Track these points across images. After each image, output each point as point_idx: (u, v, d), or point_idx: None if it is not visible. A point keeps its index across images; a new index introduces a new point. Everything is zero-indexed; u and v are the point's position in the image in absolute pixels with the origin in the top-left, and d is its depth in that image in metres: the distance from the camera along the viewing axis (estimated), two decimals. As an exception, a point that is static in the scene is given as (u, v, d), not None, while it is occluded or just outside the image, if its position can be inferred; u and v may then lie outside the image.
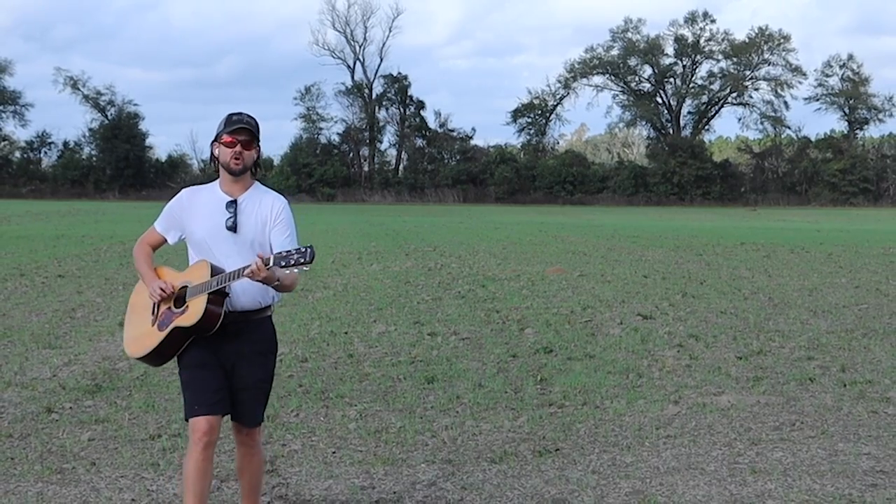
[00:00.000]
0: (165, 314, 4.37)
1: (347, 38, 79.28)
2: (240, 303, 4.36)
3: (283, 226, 4.39)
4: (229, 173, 4.36)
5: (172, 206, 4.52)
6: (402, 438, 6.47)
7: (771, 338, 10.44)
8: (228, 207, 4.35)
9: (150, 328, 4.42)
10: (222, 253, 4.35)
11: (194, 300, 4.25)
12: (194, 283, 4.30)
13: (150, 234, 4.62)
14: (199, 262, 4.35)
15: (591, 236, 29.69)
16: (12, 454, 6.03)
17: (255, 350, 4.43)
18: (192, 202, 4.46)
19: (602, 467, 5.87)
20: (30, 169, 75.39)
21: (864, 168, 72.85)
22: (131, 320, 4.61)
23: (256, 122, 4.41)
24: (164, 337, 4.31)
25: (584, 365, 8.90)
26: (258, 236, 4.36)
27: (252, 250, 4.32)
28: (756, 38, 77.42)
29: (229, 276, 4.21)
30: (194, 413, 4.28)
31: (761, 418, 7.04)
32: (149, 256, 4.57)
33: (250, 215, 4.37)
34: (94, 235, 27.04)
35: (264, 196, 4.45)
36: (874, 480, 5.62)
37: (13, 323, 11.07)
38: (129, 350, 4.55)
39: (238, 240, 4.34)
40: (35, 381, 8.04)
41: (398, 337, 10.37)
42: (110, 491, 5.38)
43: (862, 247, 25.20)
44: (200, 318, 4.20)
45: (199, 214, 4.40)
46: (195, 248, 4.44)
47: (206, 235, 4.37)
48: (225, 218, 4.34)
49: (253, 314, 4.42)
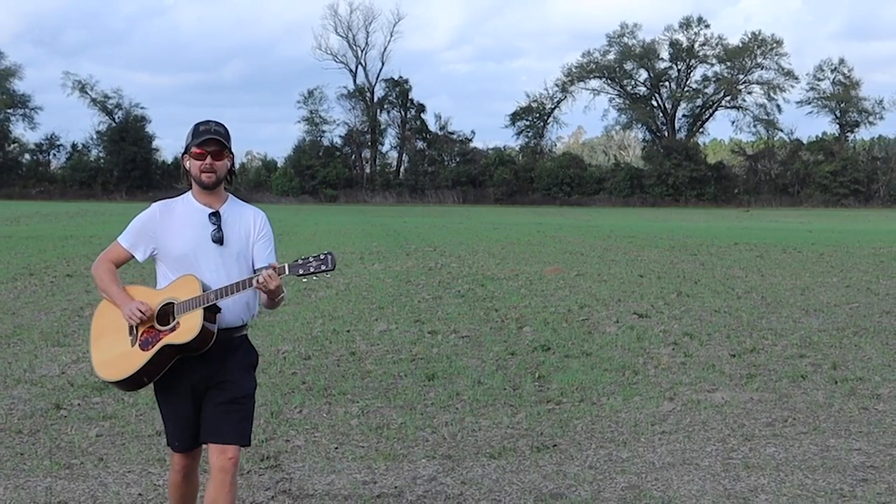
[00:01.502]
0: (149, 333, 4.00)
1: (350, 43, 79.32)
2: (224, 320, 4.05)
3: (265, 240, 4.15)
4: (202, 187, 4.06)
5: (144, 221, 4.15)
6: (403, 434, 6.47)
7: (764, 336, 10.44)
8: (212, 219, 4.06)
9: (129, 349, 4.02)
10: (208, 267, 4.04)
11: (187, 316, 3.93)
12: (182, 300, 3.96)
13: (113, 251, 4.21)
14: (186, 277, 4.01)
15: (588, 237, 29.69)
16: (22, 450, 6.03)
17: (240, 366, 4.14)
18: (166, 216, 4.11)
19: (599, 462, 5.87)
20: (39, 171, 75.38)
21: (855, 170, 72.83)
22: (101, 343, 4.15)
23: (226, 129, 4.09)
24: (152, 356, 3.95)
25: (581, 362, 8.90)
26: (242, 249, 4.10)
27: (238, 263, 4.08)
28: (749, 43, 77.39)
29: (230, 288, 3.92)
30: (174, 448, 4.17)
31: (754, 415, 7.04)
32: (115, 275, 4.18)
33: (234, 227, 4.10)
34: (101, 236, 27.02)
35: (243, 209, 4.18)
36: (864, 475, 5.62)
37: (23, 321, 11.07)
38: (103, 374, 4.12)
39: (224, 252, 4.06)
40: (44, 378, 8.04)
41: (399, 335, 10.37)
42: (118, 485, 5.38)
43: (853, 247, 25.19)
44: (196, 335, 3.90)
45: (177, 227, 4.08)
46: (174, 263, 4.07)
47: (190, 249, 4.04)
48: (210, 230, 4.05)
49: (235, 331, 4.13)
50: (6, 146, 76.15)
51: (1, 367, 8.44)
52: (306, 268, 3.87)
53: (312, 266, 3.86)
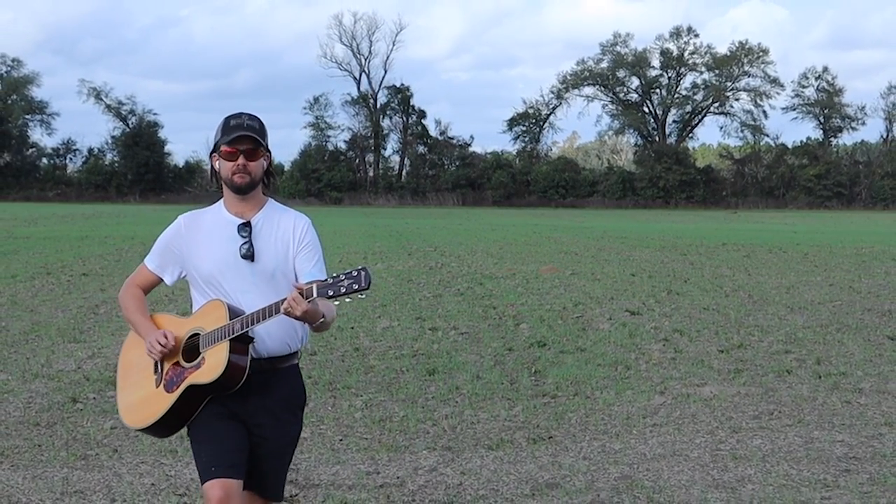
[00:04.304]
0: (173, 371, 3.31)
1: (354, 52, 79.14)
2: (265, 347, 3.31)
3: (309, 250, 3.36)
4: (234, 191, 3.33)
5: (168, 237, 3.44)
6: (405, 427, 6.46)
7: (751, 332, 10.43)
8: (241, 231, 3.32)
9: (153, 390, 3.34)
10: (237, 288, 3.31)
11: (212, 350, 3.22)
12: (208, 330, 3.26)
13: (139, 275, 3.52)
14: (212, 303, 3.30)
15: (582, 237, 29.66)
16: (39, 441, 6.02)
17: (284, 406, 3.38)
18: (192, 229, 3.40)
19: (592, 454, 5.86)
20: (56, 174, 75.34)
21: (838, 173, 72.74)
22: (126, 384, 3.49)
23: (261, 123, 3.37)
24: (176, 399, 3.25)
25: (576, 358, 8.90)
26: (280, 265, 3.33)
27: (273, 282, 3.31)
28: (737, 52, 77.29)
29: (257, 315, 3.18)
30: (210, 475, 3.21)
31: (742, 408, 7.03)
32: (141, 302, 3.47)
33: (268, 239, 3.34)
34: (116, 236, 27.01)
35: (283, 216, 3.40)
36: (847, 466, 5.62)
37: (40, 318, 11.06)
38: (128, 420, 3.44)
39: (256, 270, 3.31)
40: (61, 373, 8.03)
41: (401, 331, 10.36)
42: (131, 476, 5.38)
43: (836, 247, 25.17)
44: (222, 373, 3.18)
45: (203, 243, 3.36)
46: (202, 285, 3.37)
47: (216, 268, 3.32)
48: (238, 244, 3.31)
49: (280, 361, 3.36)
50: (25, 150, 76.15)
51: (20, 363, 8.43)
52: (337, 288, 3.08)
53: (344, 286, 3.07)
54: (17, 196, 69.68)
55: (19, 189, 71.33)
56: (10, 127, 74.46)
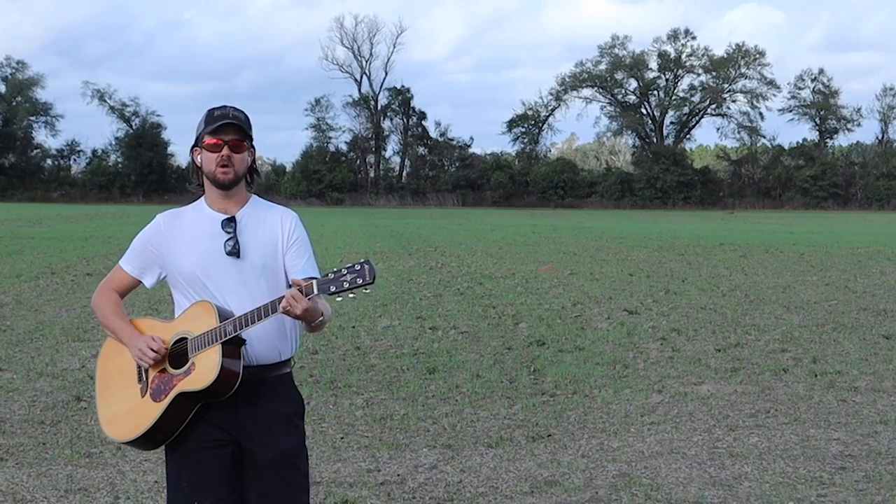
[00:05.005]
0: (160, 379, 3.05)
1: (355, 54, 79.15)
2: (254, 353, 3.06)
3: (300, 246, 3.15)
4: (218, 187, 3.10)
5: (147, 237, 3.20)
6: (406, 425, 6.46)
7: (747, 331, 10.43)
8: (225, 227, 3.09)
9: (139, 400, 3.08)
10: (223, 288, 3.07)
11: (202, 355, 2.98)
12: (196, 333, 3.01)
13: (115, 278, 3.24)
14: (199, 304, 3.05)
15: (581, 238, 29.67)
16: (44, 439, 6.03)
17: (278, 415, 3.10)
18: (172, 228, 3.16)
19: (591, 451, 5.86)
20: (60, 175, 75.38)
21: (834, 174, 72.75)
22: (107, 394, 3.20)
23: (246, 116, 3.16)
24: (166, 408, 3.00)
25: (574, 357, 8.90)
26: (269, 261, 3.10)
27: (264, 279, 3.09)
28: (733, 54, 77.28)
29: (252, 315, 2.95)
30: None
31: (738, 406, 7.03)
32: (119, 307, 3.21)
33: (255, 235, 3.11)
34: (119, 237, 27.00)
35: (269, 212, 3.19)
36: (843, 464, 5.62)
37: (45, 318, 11.07)
38: (112, 433, 3.17)
39: (243, 268, 3.08)
40: (65, 371, 8.03)
41: (402, 331, 10.36)
42: (135, 473, 5.38)
43: (832, 247, 25.17)
44: (215, 379, 2.94)
45: (185, 241, 3.12)
46: (185, 287, 3.12)
47: (199, 266, 3.07)
48: (223, 240, 3.07)
49: (271, 369, 3.11)
50: (29, 152, 76.16)
51: (24, 361, 8.43)
52: (339, 283, 2.88)
53: (347, 281, 2.87)
54: (21, 197, 69.72)
55: (24, 190, 71.35)
56: (14, 128, 74.53)
